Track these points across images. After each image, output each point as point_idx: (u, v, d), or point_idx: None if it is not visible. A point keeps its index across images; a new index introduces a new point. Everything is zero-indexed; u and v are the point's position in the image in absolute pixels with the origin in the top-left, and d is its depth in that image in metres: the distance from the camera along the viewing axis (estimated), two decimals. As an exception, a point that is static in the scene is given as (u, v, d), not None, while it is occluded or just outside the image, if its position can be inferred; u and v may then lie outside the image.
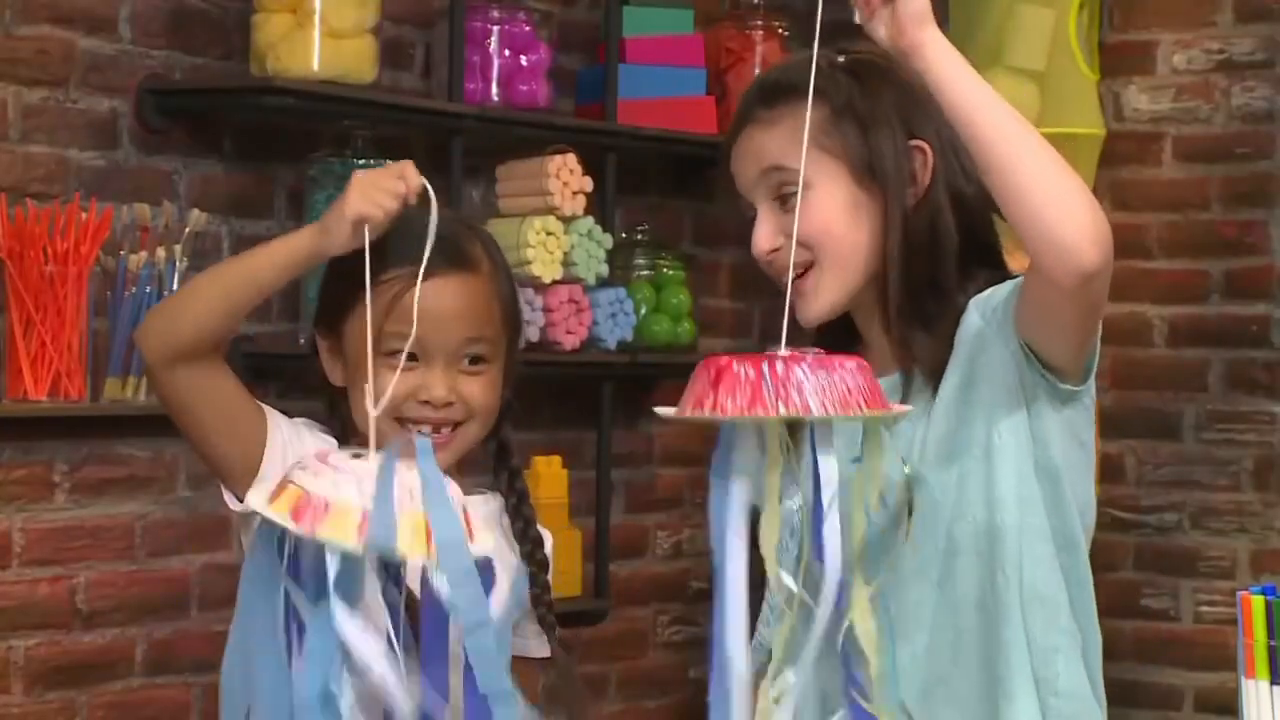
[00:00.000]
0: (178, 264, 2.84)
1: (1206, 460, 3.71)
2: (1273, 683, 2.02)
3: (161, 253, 2.84)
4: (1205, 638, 3.85)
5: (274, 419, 1.80)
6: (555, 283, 3.26)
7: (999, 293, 1.67)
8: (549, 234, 3.23)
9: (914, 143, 1.71)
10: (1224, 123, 3.90)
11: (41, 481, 2.88)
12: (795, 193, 1.69)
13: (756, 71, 3.67)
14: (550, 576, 1.92)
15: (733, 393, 1.36)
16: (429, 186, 1.71)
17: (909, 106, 1.73)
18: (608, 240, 3.36)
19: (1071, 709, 1.75)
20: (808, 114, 1.57)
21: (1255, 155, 3.81)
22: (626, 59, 3.55)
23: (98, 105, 2.95)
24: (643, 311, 3.52)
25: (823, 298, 1.72)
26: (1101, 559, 4.26)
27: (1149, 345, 3.81)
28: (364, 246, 1.64)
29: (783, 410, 1.35)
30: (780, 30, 3.75)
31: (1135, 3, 3.97)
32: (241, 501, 1.73)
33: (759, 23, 3.75)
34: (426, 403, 1.75)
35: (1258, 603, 2.03)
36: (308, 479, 1.46)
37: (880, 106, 1.73)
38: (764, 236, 1.72)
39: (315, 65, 2.96)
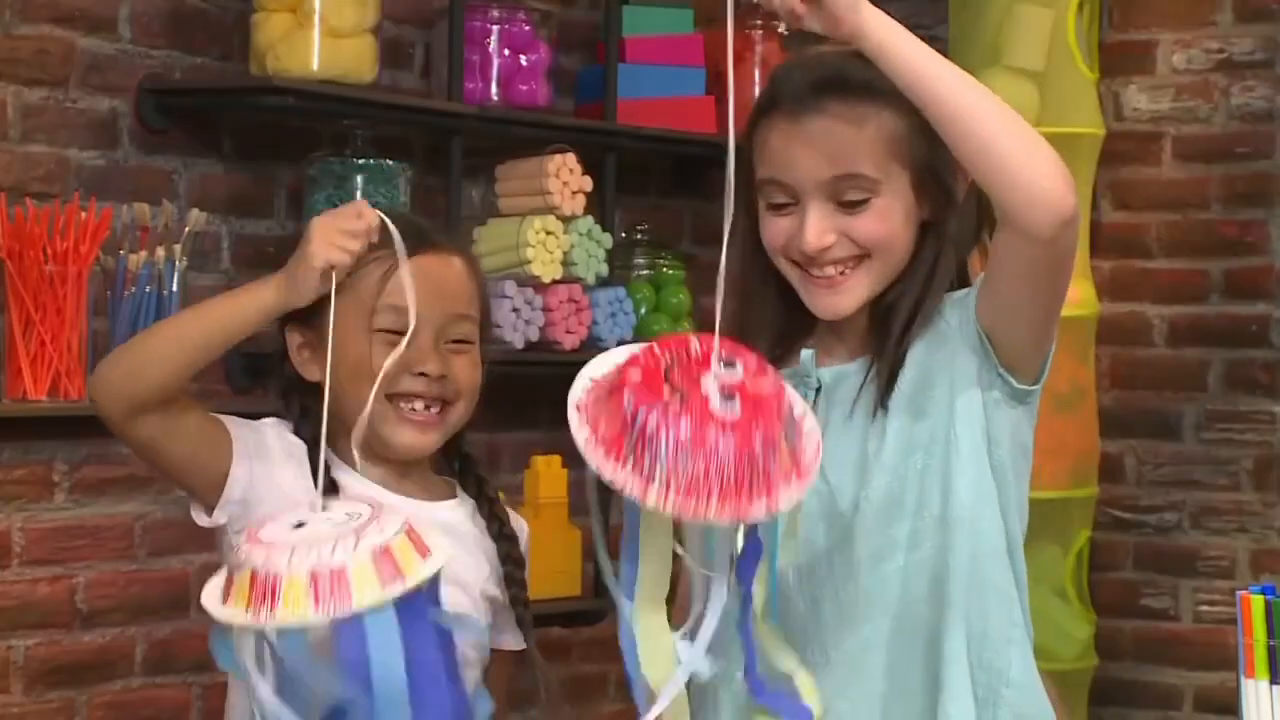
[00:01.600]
0: (177, 264, 2.83)
1: (1206, 460, 3.72)
2: (1272, 682, 2.03)
3: (161, 252, 2.82)
4: (1205, 637, 3.84)
5: (238, 436, 1.79)
6: (555, 282, 3.26)
7: (953, 295, 1.72)
8: (548, 233, 3.23)
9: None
10: (1224, 122, 3.89)
11: (41, 481, 2.87)
12: (865, 199, 1.70)
13: (756, 72, 3.69)
14: (528, 573, 1.91)
15: (608, 421, 1.42)
16: (386, 219, 1.72)
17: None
18: (607, 240, 3.35)
19: (1024, 700, 1.76)
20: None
21: (1255, 155, 3.82)
22: (626, 59, 3.54)
23: (97, 105, 2.94)
24: (642, 311, 3.50)
25: (858, 295, 1.73)
26: (1101, 559, 4.28)
27: (1149, 345, 3.82)
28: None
29: (632, 490, 1.42)
30: (779, 30, 3.73)
31: (1135, 2, 3.97)
32: (209, 517, 1.76)
33: (758, 22, 3.72)
34: (421, 374, 1.75)
35: (1257, 602, 2.04)
36: (247, 554, 1.46)
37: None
38: (817, 233, 1.70)
39: (315, 65, 2.96)
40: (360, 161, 3.08)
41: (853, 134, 1.72)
